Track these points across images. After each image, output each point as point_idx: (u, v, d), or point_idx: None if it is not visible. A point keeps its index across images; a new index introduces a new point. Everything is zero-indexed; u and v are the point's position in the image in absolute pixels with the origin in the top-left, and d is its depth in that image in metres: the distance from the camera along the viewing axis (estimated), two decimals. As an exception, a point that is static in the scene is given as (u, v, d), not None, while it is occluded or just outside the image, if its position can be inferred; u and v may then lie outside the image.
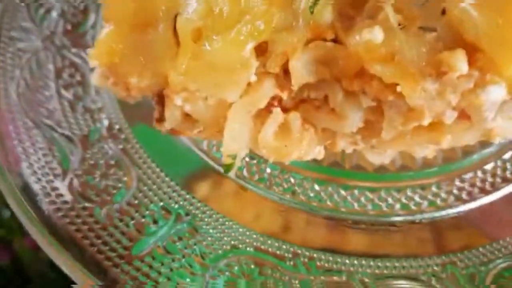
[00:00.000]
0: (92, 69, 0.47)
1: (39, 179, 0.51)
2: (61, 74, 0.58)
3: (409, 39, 0.39)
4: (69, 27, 0.62)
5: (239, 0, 0.41)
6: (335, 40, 0.41)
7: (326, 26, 0.41)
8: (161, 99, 0.46)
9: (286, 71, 0.42)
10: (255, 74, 0.41)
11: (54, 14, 0.62)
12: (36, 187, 0.50)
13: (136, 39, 0.43)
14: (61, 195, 0.50)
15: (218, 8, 0.41)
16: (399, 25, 0.39)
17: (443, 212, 0.52)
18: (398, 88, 0.38)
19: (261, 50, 0.42)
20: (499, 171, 0.55)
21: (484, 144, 0.55)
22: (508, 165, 0.55)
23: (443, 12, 0.39)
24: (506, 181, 0.54)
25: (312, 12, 0.40)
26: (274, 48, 0.41)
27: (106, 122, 0.56)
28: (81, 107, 0.56)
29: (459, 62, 0.37)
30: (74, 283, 0.91)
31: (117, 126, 0.56)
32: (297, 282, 0.47)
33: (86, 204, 0.49)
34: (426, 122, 0.41)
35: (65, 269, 0.46)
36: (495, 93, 0.38)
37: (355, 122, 0.44)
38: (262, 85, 0.42)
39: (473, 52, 0.38)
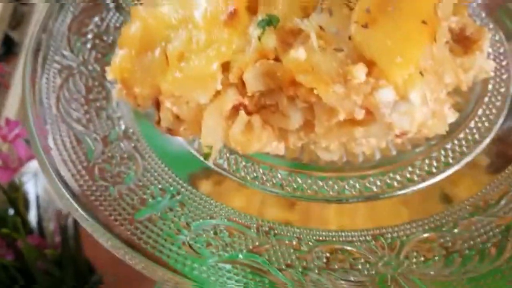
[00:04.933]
0: (113, 86, 0.66)
1: (69, 167, 0.68)
2: (90, 91, 0.76)
3: (325, 56, 0.55)
4: (99, 56, 0.81)
5: (211, 32, 0.59)
6: (277, 59, 0.58)
7: (270, 50, 0.57)
8: (157, 105, 0.63)
9: (244, 83, 0.59)
10: (221, 84, 0.58)
11: (88, 45, 0.81)
12: (66, 172, 0.67)
13: (139, 60, 0.61)
14: (85, 177, 0.67)
15: (195, 38, 0.59)
16: (320, 47, 0.56)
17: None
18: (315, 91, 0.54)
19: (225, 67, 0.59)
20: (426, 167, 0.69)
21: (416, 145, 0.70)
22: (434, 162, 0.69)
23: (349, 38, 0.55)
24: (431, 174, 0.68)
25: (259, 39, 0.57)
26: (233, 65, 0.58)
27: (123, 127, 0.73)
28: (104, 115, 0.74)
29: (359, 72, 0.53)
30: (79, 282, 1.00)
31: (131, 130, 0.73)
32: (257, 243, 0.62)
33: (103, 183, 0.66)
34: (341, 117, 0.56)
35: (87, 228, 0.63)
36: (386, 94, 0.54)
37: (296, 121, 0.60)
38: (226, 91, 0.59)
39: (371, 65, 0.54)
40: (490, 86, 0.76)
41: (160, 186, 0.67)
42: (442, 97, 0.62)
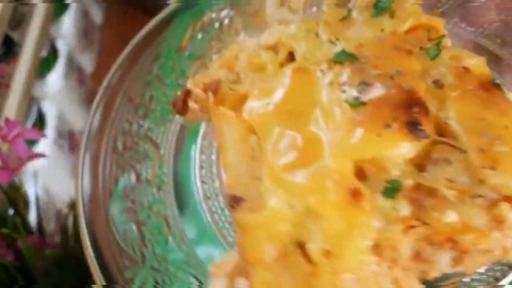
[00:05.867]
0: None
1: None
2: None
3: (472, 210, 0.56)
4: None
5: (341, 220, 0.58)
6: (415, 217, 0.59)
7: (408, 216, 0.58)
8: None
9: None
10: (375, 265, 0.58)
11: None
12: None
13: (279, 270, 0.59)
14: None
15: (329, 231, 0.57)
16: (457, 199, 0.57)
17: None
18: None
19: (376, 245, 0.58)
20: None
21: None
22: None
23: (482, 181, 0.57)
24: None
25: (395, 210, 0.58)
26: (383, 245, 0.58)
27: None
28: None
29: (508, 212, 0.56)
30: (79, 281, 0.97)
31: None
32: None
33: None
34: (497, 253, 0.58)
35: None
36: (538, 222, 0.57)
37: (443, 265, 0.61)
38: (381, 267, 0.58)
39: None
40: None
41: None
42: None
